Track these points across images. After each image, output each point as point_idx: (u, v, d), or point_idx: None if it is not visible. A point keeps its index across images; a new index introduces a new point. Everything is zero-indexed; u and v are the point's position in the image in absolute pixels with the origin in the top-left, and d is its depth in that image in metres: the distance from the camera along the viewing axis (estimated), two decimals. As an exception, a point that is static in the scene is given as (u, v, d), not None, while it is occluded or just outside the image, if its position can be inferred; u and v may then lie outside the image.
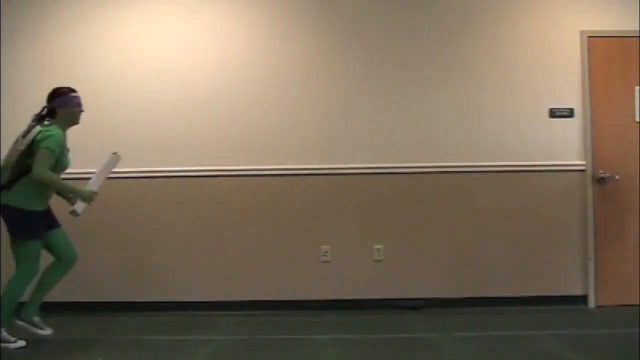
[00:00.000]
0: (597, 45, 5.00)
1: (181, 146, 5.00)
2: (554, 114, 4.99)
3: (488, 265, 4.97)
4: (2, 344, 3.91)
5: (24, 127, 5.02)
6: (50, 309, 4.78)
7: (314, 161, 4.97)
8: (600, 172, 4.96)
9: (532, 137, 4.98)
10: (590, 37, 4.99)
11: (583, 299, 4.95)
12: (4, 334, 3.95)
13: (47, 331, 4.05)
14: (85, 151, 4.98)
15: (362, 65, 5.03)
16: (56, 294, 4.88)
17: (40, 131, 3.90)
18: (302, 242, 4.98)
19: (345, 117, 5.01)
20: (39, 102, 5.01)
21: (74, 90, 4.08)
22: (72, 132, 5.01)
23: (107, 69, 5.02)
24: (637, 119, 4.99)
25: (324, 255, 4.99)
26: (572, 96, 5.00)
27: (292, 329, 4.36)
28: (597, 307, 4.91)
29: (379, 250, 4.97)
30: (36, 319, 4.06)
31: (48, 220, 4.05)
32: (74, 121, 4.08)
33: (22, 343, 3.95)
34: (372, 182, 4.98)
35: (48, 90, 4.99)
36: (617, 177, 4.95)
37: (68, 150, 4.09)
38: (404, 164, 4.97)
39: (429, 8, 5.06)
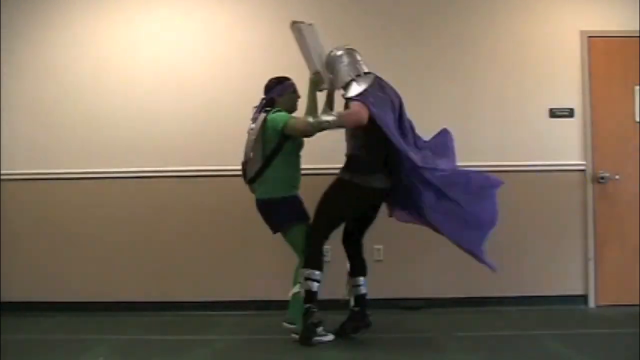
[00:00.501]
0: (597, 45, 5.00)
1: (181, 147, 4.99)
2: (554, 114, 4.99)
3: (488, 265, 4.96)
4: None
5: (24, 127, 5.06)
6: (50, 309, 4.80)
7: (314, 161, 4.96)
8: (600, 172, 4.96)
9: (532, 137, 4.98)
10: (590, 37, 4.99)
11: (583, 299, 4.95)
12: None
13: (329, 337, 3.96)
14: (85, 151, 5.00)
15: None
16: (56, 294, 4.90)
17: (266, 118, 3.97)
18: (302, 242, 4.96)
19: (345, 117, 5.00)
20: (39, 102, 5.04)
21: (288, 79, 4.17)
22: (73, 132, 5.04)
23: (107, 69, 5.02)
24: (637, 119, 4.99)
25: (324, 255, 4.98)
26: (572, 96, 5.00)
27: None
28: (597, 307, 4.91)
29: (379, 250, 4.96)
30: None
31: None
32: (294, 107, 4.15)
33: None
34: (372, 182, 4.96)
35: (48, 90, 5.03)
36: (617, 177, 4.95)
37: None
38: (404, 164, 4.95)
39: (429, 8, 5.05)
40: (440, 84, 5.03)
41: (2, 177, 4.93)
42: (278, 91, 4.10)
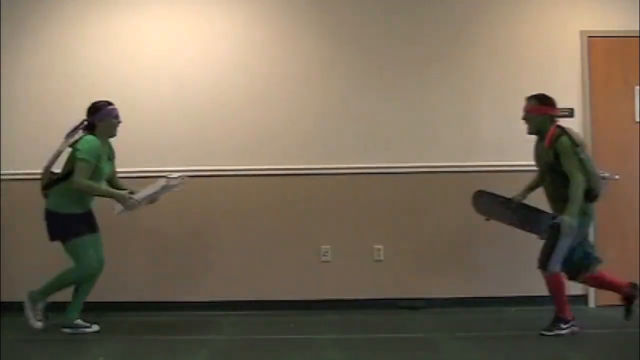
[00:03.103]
0: (597, 45, 5.00)
1: (181, 146, 5.00)
2: (554, 113, 4.98)
3: (488, 265, 4.96)
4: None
5: (24, 127, 5.07)
6: (50, 309, 4.79)
7: (314, 161, 4.97)
8: (601, 172, 4.95)
9: (532, 137, 4.96)
10: (590, 37, 4.99)
11: (583, 299, 4.95)
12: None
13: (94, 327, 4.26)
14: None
15: (362, 65, 5.04)
16: (56, 295, 4.90)
17: (78, 140, 4.12)
18: (302, 242, 4.97)
19: (345, 117, 5.01)
20: (40, 102, 5.04)
21: (111, 104, 4.24)
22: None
23: (107, 69, 5.01)
24: (637, 119, 4.99)
25: (324, 255, 4.99)
26: (572, 96, 4.99)
27: (292, 329, 4.36)
28: (597, 307, 4.91)
29: (379, 250, 4.97)
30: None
31: (89, 222, 4.26)
32: (113, 133, 4.26)
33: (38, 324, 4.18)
34: (371, 182, 4.97)
35: (48, 90, 5.03)
36: (617, 177, 4.94)
37: (113, 157, 4.32)
38: (404, 164, 4.96)
39: (429, 8, 5.06)
40: (439, 84, 5.03)
41: (2, 177, 4.93)
42: (99, 116, 4.17)
